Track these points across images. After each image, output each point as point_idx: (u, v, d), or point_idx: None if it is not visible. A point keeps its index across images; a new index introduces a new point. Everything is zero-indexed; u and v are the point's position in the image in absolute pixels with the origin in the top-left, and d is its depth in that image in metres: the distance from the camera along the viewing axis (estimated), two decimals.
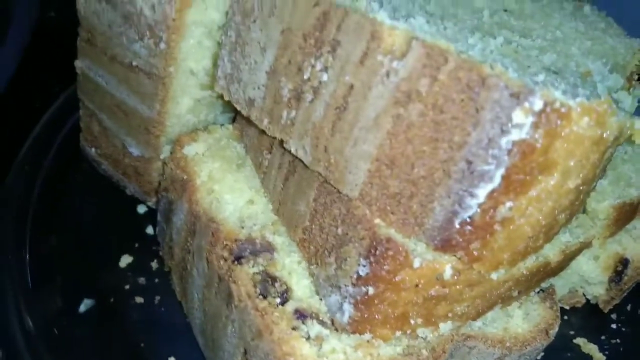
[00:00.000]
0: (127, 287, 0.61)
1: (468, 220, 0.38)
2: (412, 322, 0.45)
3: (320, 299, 0.46)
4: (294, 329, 0.44)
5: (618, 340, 0.61)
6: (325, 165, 0.44)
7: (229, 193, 0.53)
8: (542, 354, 0.58)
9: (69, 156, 0.68)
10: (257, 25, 0.47)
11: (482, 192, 0.37)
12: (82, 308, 0.59)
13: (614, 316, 0.63)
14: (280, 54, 0.45)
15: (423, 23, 0.43)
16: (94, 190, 0.67)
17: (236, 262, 0.47)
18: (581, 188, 0.41)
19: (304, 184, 0.48)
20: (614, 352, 0.60)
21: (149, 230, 0.66)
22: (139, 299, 0.60)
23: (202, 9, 0.48)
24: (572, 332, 0.62)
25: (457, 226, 0.39)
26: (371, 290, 0.42)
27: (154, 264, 0.63)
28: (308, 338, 0.44)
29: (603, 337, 0.62)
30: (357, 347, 0.44)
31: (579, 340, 0.61)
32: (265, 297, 0.45)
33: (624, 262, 0.58)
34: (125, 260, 0.63)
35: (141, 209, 0.67)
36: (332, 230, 0.45)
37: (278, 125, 0.47)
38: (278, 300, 0.45)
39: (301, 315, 0.45)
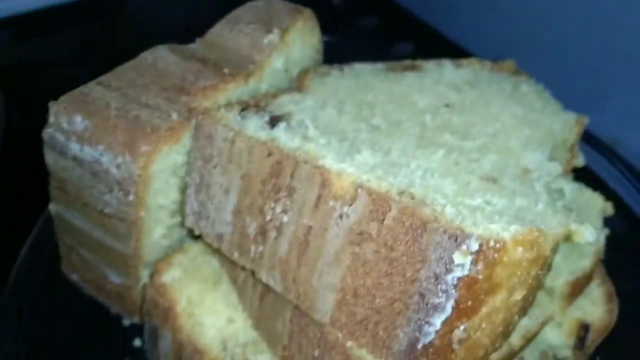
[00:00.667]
0: None
1: (429, 344, 0.42)
2: None
3: None
4: None
5: None
6: (296, 295, 0.48)
7: (209, 315, 0.56)
8: None
9: (54, 278, 0.70)
10: (217, 170, 0.50)
11: (437, 320, 0.41)
12: None
13: None
14: (242, 196, 0.49)
15: (368, 157, 0.47)
16: (80, 309, 0.70)
17: None
18: (528, 295, 0.45)
19: (279, 305, 0.52)
20: None
21: (137, 342, 0.68)
22: None
23: (164, 158, 0.52)
24: None
25: (420, 349, 0.42)
26: None
27: None
28: None
29: None
30: None
31: None
32: None
33: (584, 328, 0.62)
34: None
35: (127, 322, 0.69)
36: (309, 352, 0.49)
37: (247, 258, 0.50)
38: None
39: None
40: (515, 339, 0.53)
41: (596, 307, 0.64)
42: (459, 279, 0.40)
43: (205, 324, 0.55)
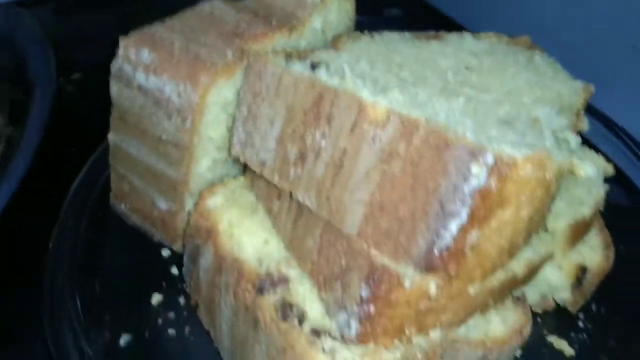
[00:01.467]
0: (159, 321, 0.71)
1: (444, 248, 0.49)
2: (407, 332, 0.55)
3: (331, 319, 0.56)
4: (311, 344, 0.54)
5: (585, 336, 0.71)
6: (328, 211, 0.55)
7: (247, 236, 0.63)
8: (521, 351, 0.68)
9: (102, 212, 0.78)
10: (265, 103, 0.58)
11: (453, 226, 0.48)
12: (122, 342, 0.68)
13: (581, 315, 0.73)
14: (285, 125, 0.56)
15: (398, 95, 0.55)
16: (125, 240, 0.78)
17: (259, 294, 0.57)
18: (533, 216, 0.52)
19: (311, 225, 0.59)
20: (582, 346, 0.70)
21: (174, 270, 0.76)
22: (171, 331, 0.70)
23: (219, 91, 0.59)
24: (545, 332, 0.71)
25: (437, 253, 0.49)
26: (372, 309, 0.52)
27: (182, 300, 0.73)
28: (324, 351, 0.54)
29: (572, 334, 0.71)
30: (363, 356, 0.54)
31: (552, 338, 0.71)
32: (285, 320, 0.55)
33: (583, 270, 0.68)
34: (156, 298, 0.73)
35: (165, 253, 0.77)
36: (337, 262, 0.56)
37: (287, 180, 0.57)
38: (296, 322, 0.55)
39: (316, 333, 0.55)
40: (518, 268, 0.60)
41: (594, 253, 0.71)
42: (475, 188, 0.46)
43: (244, 243, 0.62)
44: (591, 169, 0.53)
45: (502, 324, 0.63)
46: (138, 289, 0.74)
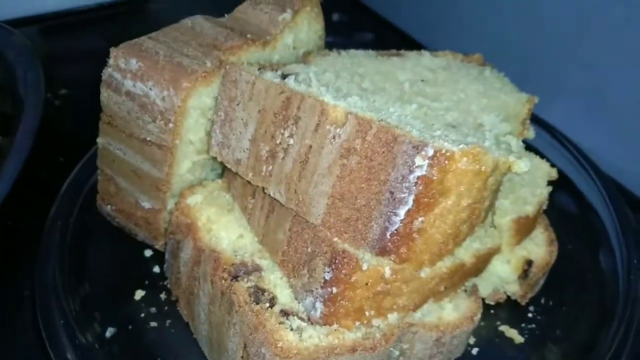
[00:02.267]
0: (142, 315, 0.76)
1: (395, 232, 0.56)
2: (367, 314, 0.61)
3: (299, 302, 0.62)
4: (280, 323, 0.60)
5: (534, 326, 0.77)
6: (296, 203, 0.61)
7: (224, 231, 0.69)
8: (475, 339, 0.75)
9: (89, 214, 0.83)
10: (240, 107, 0.65)
11: (402, 212, 0.55)
12: (108, 334, 0.73)
13: (531, 308, 0.80)
14: (258, 127, 0.63)
15: (357, 100, 0.62)
16: (110, 240, 0.83)
17: (234, 280, 0.63)
18: (473, 205, 0.59)
19: (281, 219, 0.65)
20: (531, 335, 0.76)
21: (156, 269, 0.81)
22: (153, 324, 0.75)
23: (199, 97, 0.66)
24: (498, 322, 0.78)
25: (389, 237, 0.56)
26: (335, 290, 0.58)
27: (163, 296, 0.78)
28: (292, 329, 0.60)
29: (523, 325, 0.77)
30: (327, 335, 0.60)
31: (503, 328, 0.77)
32: (258, 303, 0.61)
33: (529, 263, 0.75)
34: (139, 294, 0.78)
35: (147, 253, 0.83)
36: (304, 250, 0.62)
37: (260, 176, 0.64)
38: (267, 304, 0.61)
39: (285, 313, 0.61)
40: (467, 257, 0.66)
41: (539, 249, 0.78)
42: (419, 177, 0.53)
43: (221, 237, 0.68)
44: (526, 165, 0.60)
45: (455, 311, 0.69)
46: (122, 286, 0.79)
